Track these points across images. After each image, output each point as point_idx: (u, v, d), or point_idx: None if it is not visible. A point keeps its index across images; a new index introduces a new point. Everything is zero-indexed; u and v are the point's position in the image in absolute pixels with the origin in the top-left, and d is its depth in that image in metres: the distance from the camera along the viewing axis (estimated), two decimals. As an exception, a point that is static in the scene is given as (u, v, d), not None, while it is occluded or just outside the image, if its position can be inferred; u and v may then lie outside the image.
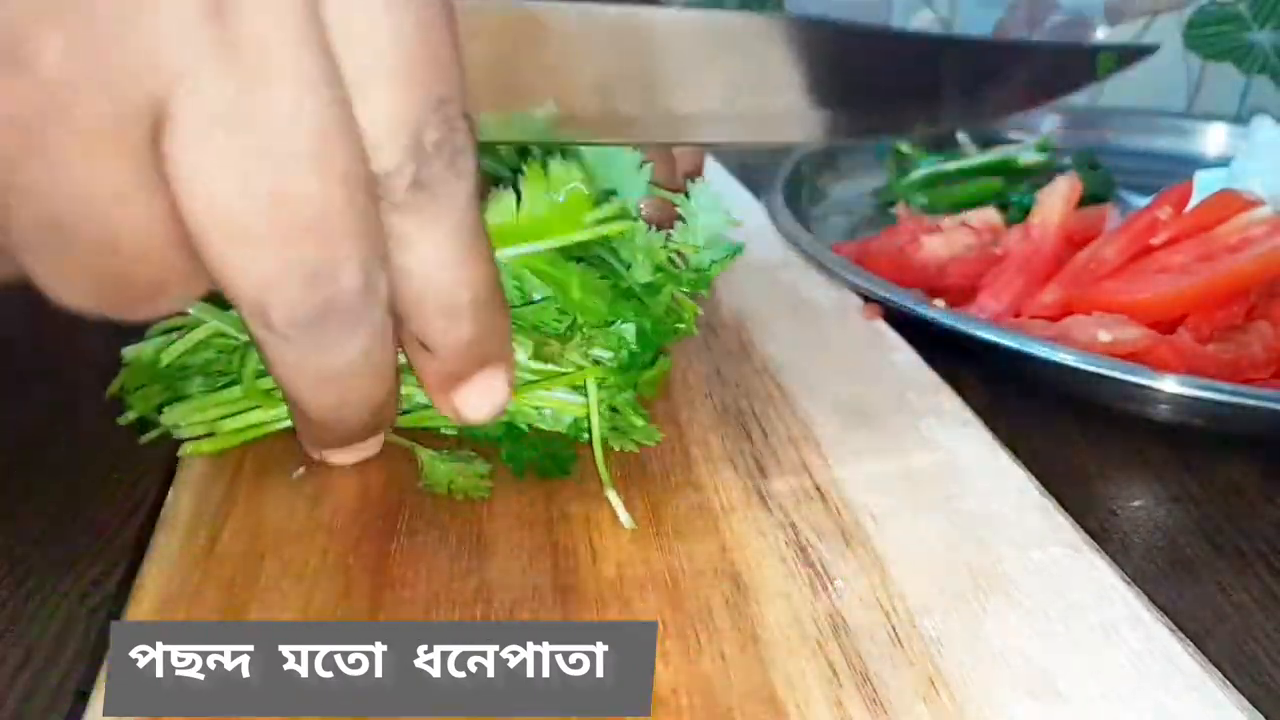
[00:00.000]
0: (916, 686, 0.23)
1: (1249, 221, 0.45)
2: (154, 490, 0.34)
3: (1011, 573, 0.26)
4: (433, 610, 0.25)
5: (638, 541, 0.27)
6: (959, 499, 0.30)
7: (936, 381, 0.37)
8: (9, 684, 0.26)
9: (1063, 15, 0.79)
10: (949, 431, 0.33)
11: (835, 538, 0.28)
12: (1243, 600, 0.31)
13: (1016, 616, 0.25)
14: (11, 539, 0.31)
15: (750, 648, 0.24)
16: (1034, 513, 0.29)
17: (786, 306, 0.43)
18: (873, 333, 0.41)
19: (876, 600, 0.25)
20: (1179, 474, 0.38)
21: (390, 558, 0.26)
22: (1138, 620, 0.25)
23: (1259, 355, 0.41)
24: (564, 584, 0.26)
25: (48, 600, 0.29)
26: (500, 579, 0.26)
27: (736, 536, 0.28)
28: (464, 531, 0.28)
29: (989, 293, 0.47)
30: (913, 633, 0.24)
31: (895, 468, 0.31)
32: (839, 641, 0.24)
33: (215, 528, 0.27)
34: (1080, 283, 0.45)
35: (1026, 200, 0.54)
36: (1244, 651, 0.29)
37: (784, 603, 0.25)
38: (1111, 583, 0.26)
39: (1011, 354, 0.39)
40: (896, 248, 0.50)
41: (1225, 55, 0.82)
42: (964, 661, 0.23)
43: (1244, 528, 0.35)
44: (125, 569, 0.30)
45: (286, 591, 0.25)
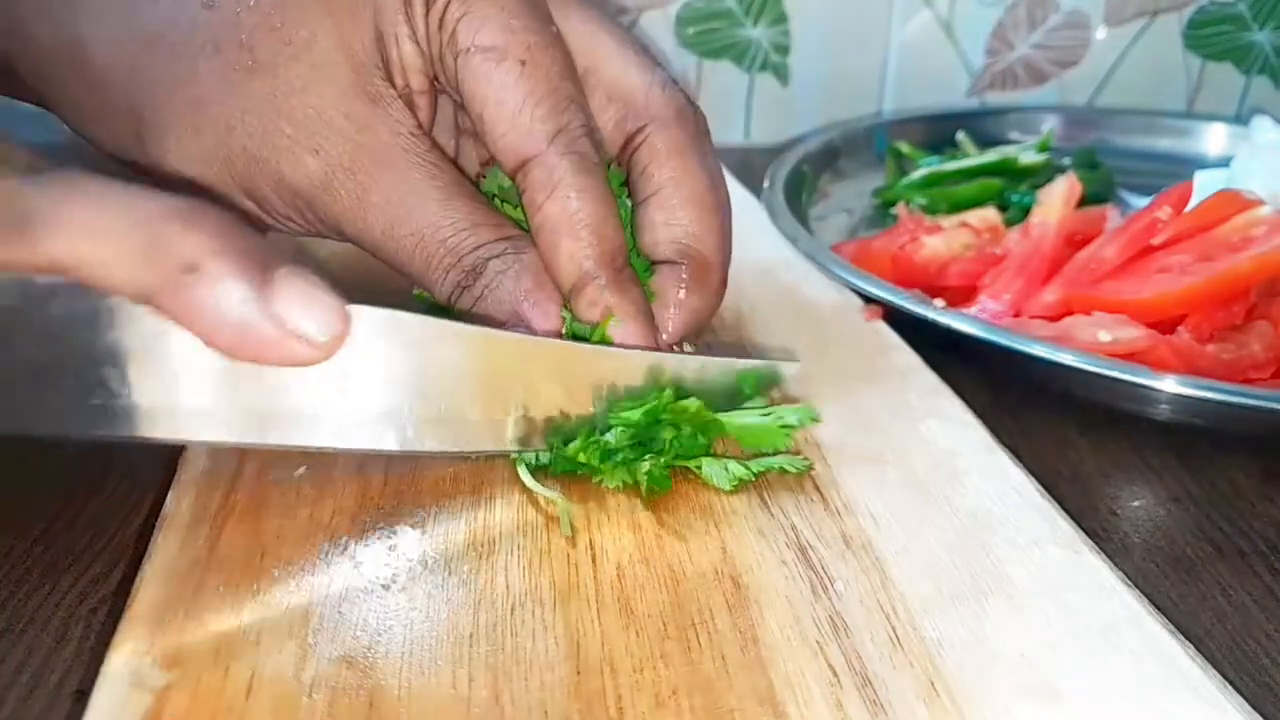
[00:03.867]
0: (917, 688, 0.23)
1: (1249, 221, 0.45)
2: (154, 490, 0.34)
3: (1012, 574, 0.26)
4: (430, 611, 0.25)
5: (639, 543, 0.27)
6: (959, 500, 0.30)
7: (937, 383, 0.37)
8: (9, 684, 0.26)
9: (1062, 15, 0.79)
10: (949, 433, 0.33)
11: (836, 539, 0.28)
12: (1243, 600, 0.31)
13: (1016, 618, 0.25)
14: (11, 539, 0.31)
15: (751, 649, 0.24)
16: (1034, 514, 0.29)
17: (787, 307, 0.43)
18: (873, 334, 0.41)
19: (877, 602, 0.25)
20: (1179, 474, 0.38)
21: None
22: (1137, 621, 0.25)
23: (1259, 355, 0.41)
24: (564, 585, 0.26)
25: (47, 600, 0.29)
26: (502, 579, 0.26)
27: (737, 538, 0.28)
28: (466, 533, 0.28)
29: (989, 293, 0.46)
30: (913, 634, 0.24)
31: (896, 469, 0.31)
32: (839, 643, 0.24)
33: (215, 528, 0.27)
34: (1080, 283, 0.45)
35: (1026, 200, 0.54)
36: (1244, 651, 0.29)
37: (784, 604, 0.25)
38: (1111, 584, 0.26)
39: (1011, 354, 0.39)
40: (896, 248, 0.50)
41: (1225, 55, 0.82)
42: (964, 663, 0.23)
43: (1244, 528, 0.35)
44: (125, 569, 0.30)
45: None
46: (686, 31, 0.75)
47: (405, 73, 0.30)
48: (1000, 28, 0.79)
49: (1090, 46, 0.80)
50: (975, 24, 0.78)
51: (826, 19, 0.76)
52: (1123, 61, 0.81)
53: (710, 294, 0.32)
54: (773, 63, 0.77)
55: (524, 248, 0.30)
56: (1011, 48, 0.80)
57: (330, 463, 0.30)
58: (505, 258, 0.29)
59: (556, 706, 0.22)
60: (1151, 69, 0.81)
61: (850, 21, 0.76)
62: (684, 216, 0.31)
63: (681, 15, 0.75)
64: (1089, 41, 0.80)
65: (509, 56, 0.29)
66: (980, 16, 0.78)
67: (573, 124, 0.29)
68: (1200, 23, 0.80)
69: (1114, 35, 0.80)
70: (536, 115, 0.29)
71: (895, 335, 0.41)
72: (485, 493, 0.29)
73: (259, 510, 0.28)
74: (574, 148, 0.29)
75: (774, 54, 0.77)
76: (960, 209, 0.56)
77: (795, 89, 0.78)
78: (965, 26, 0.78)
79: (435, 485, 0.29)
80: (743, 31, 0.76)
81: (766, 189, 0.56)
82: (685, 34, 0.75)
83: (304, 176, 0.29)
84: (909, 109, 0.78)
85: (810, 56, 0.77)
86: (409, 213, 0.29)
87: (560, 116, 0.29)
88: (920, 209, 0.57)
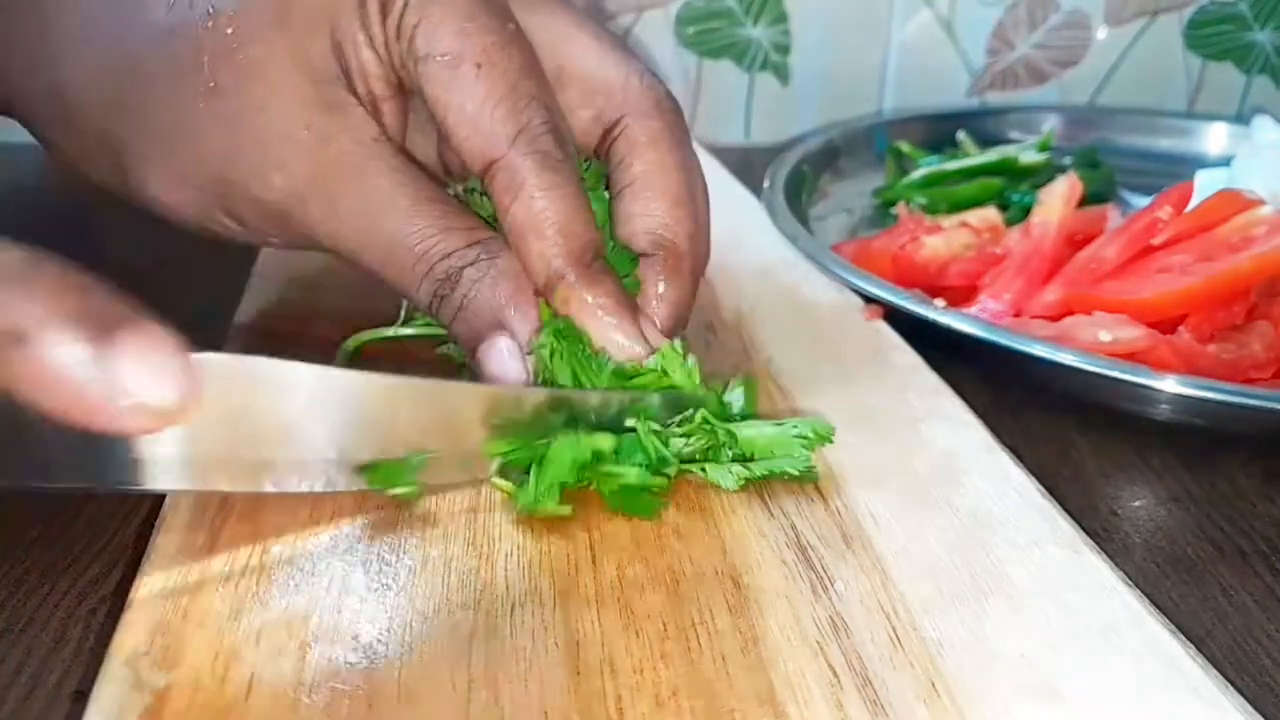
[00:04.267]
0: (917, 688, 0.23)
1: (1250, 221, 0.45)
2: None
3: (1012, 574, 0.26)
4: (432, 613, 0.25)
5: (638, 542, 0.27)
6: (959, 500, 0.30)
7: (937, 383, 0.37)
8: (8, 684, 0.26)
9: (1063, 15, 0.79)
10: (950, 433, 0.33)
11: (836, 539, 0.28)
12: (1243, 600, 0.31)
13: (1017, 618, 0.25)
14: (11, 539, 0.31)
15: (751, 650, 0.24)
16: (1034, 514, 0.29)
17: (787, 307, 0.43)
18: (874, 334, 0.41)
19: (877, 602, 0.25)
20: (1179, 474, 0.38)
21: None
22: (1138, 621, 0.25)
23: (1260, 355, 0.41)
24: (564, 585, 0.26)
25: (46, 601, 0.29)
26: (502, 579, 0.26)
27: (737, 538, 0.28)
28: (465, 532, 0.27)
29: (989, 293, 0.46)
30: (913, 634, 0.24)
31: (896, 469, 0.31)
32: (840, 643, 0.24)
33: (214, 528, 0.27)
34: (1081, 283, 0.45)
35: (1027, 200, 0.54)
36: (1245, 652, 0.29)
37: (785, 604, 0.25)
38: (1112, 584, 0.26)
39: (1012, 354, 0.39)
40: (897, 248, 0.50)
41: (1226, 55, 0.82)
42: (965, 663, 0.23)
43: (1245, 528, 0.35)
44: (124, 570, 0.30)
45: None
46: (686, 31, 0.75)
47: (366, 79, 0.30)
48: (1000, 27, 0.79)
49: (1091, 46, 0.80)
50: (975, 23, 0.78)
51: (826, 18, 0.76)
52: (1123, 61, 0.81)
53: (684, 284, 0.32)
54: (773, 62, 0.77)
55: (498, 251, 0.30)
56: (1012, 47, 0.80)
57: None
58: (479, 265, 0.29)
59: (556, 707, 0.22)
60: (1152, 68, 0.81)
61: (850, 21, 0.76)
62: (657, 208, 0.31)
63: (681, 15, 0.74)
64: (1089, 41, 0.80)
65: (465, 60, 0.28)
66: (980, 16, 0.78)
67: (533, 122, 0.29)
68: (1201, 22, 0.80)
69: (1114, 35, 0.80)
70: (496, 117, 0.29)
71: (896, 335, 0.41)
72: (484, 493, 0.29)
73: (258, 510, 0.28)
74: (536, 145, 0.29)
75: (774, 53, 0.77)
76: (960, 209, 0.56)
77: (795, 88, 0.78)
78: (965, 26, 0.78)
79: (435, 485, 0.29)
80: (743, 31, 0.76)
81: (766, 188, 0.56)
82: (685, 33, 0.75)
83: (273, 195, 0.29)
84: (909, 108, 0.78)
85: (810, 56, 0.77)
86: (376, 222, 0.29)
87: (520, 116, 0.29)
88: (920, 209, 0.57)
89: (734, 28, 0.75)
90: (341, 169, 0.29)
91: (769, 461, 0.30)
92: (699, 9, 0.74)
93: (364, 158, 0.29)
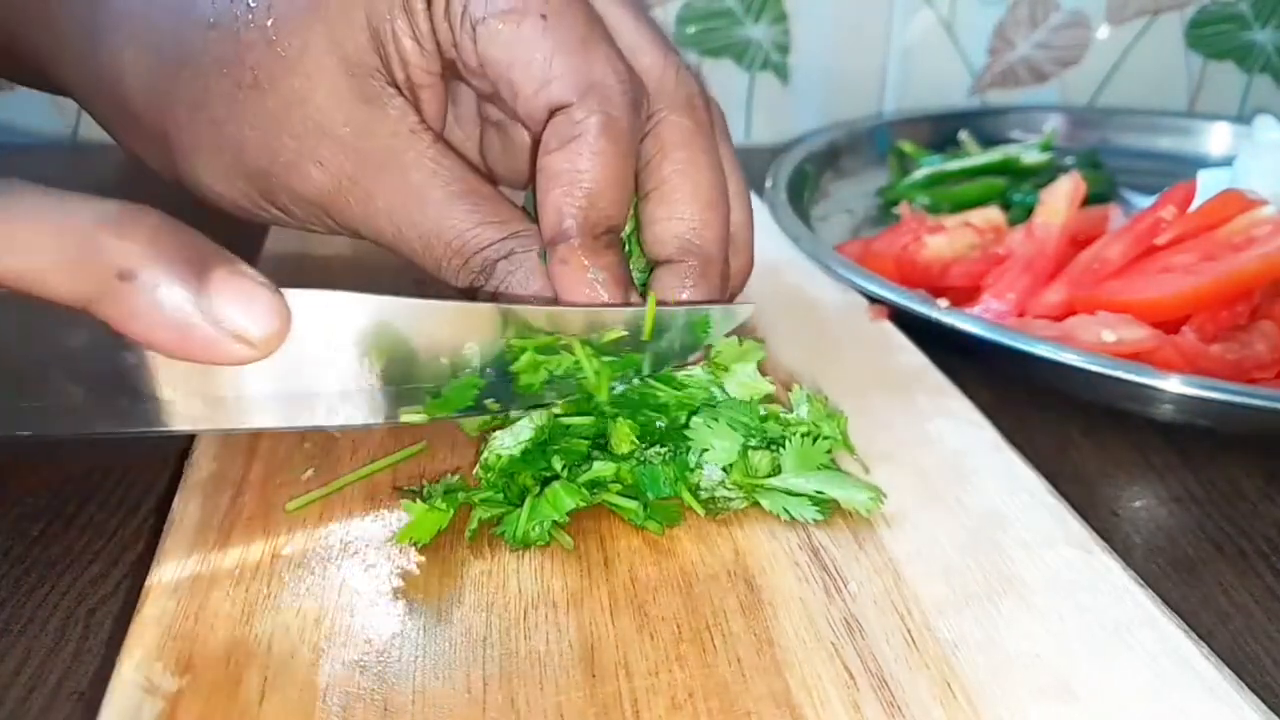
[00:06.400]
0: (933, 689, 0.23)
1: (1253, 221, 0.45)
2: (153, 491, 0.33)
3: (1024, 574, 0.26)
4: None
5: (650, 546, 0.27)
6: (970, 500, 0.29)
7: (944, 383, 0.37)
8: (8, 684, 0.26)
9: (1063, 15, 0.79)
10: (958, 433, 0.33)
11: (847, 540, 0.28)
12: (1244, 600, 0.31)
13: (1030, 618, 0.25)
14: (11, 539, 0.31)
15: (766, 651, 0.23)
16: (1044, 513, 0.29)
17: (792, 308, 0.43)
18: (879, 334, 0.41)
19: (891, 603, 0.25)
20: (1181, 474, 0.38)
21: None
22: (1151, 621, 0.25)
23: (1263, 355, 0.41)
24: (576, 588, 0.25)
25: (46, 600, 0.29)
26: (514, 582, 0.26)
27: (749, 540, 0.28)
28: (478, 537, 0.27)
29: (992, 293, 0.46)
30: (928, 635, 0.24)
31: (905, 469, 0.31)
32: (855, 644, 0.24)
33: (223, 532, 0.27)
34: (1084, 283, 0.45)
35: (1029, 200, 0.54)
36: (1246, 652, 0.29)
37: (799, 606, 0.25)
38: (1124, 584, 0.26)
39: (1015, 354, 0.39)
40: (900, 248, 0.50)
41: (1227, 54, 0.82)
42: (979, 663, 0.23)
43: (1246, 528, 0.35)
44: (124, 570, 0.30)
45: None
46: (687, 30, 0.75)
47: (406, 68, 0.30)
48: (1001, 27, 0.79)
49: (1091, 46, 0.80)
50: (976, 23, 0.78)
51: (827, 18, 0.75)
52: (1124, 61, 0.81)
53: (713, 291, 0.31)
54: (773, 62, 0.77)
55: (531, 244, 0.29)
56: (1013, 47, 0.80)
57: (338, 464, 0.30)
58: (512, 258, 0.29)
59: (573, 710, 0.22)
60: (1153, 68, 0.81)
61: (851, 21, 0.76)
62: (686, 211, 0.30)
63: (682, 14, 0.74)
64: (1090, 41, 0.80)
65: (530, 13, 0.28)
66: (981, 16, 0.78)
67: (608, 80, 0.28)
68: (1202, 22, 0.80)
69: (1115, 34, 0.80)
70: (569, 66, 0.28)
71: (902, 335, 0.41)
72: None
73: (267, 514, 0.28)
74: (606, 106, 0.28)
75: (774, 53, 0.76)
76: (963, 208, 0.56)
77: (795, 88, 0.77)
78: (966, 26, 0.78)
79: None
80: (743, 30, 0.75)
81: (769, 188, 0.56)
82: (685, 33, 0.75)
83: (312, 188, 0.29)
84: (911, 108, 0.78)
85: (810, 56, 0.77)
86: (412, 216, 0.29)
87: (593, 69, 0.28)
88: (923, 208, 0.57)
89: (734, 27, 0.75)
90: (378, 164, 0.29)
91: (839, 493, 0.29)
92: (699, 8, 0.74)
93: (401, 150, 0.29)
